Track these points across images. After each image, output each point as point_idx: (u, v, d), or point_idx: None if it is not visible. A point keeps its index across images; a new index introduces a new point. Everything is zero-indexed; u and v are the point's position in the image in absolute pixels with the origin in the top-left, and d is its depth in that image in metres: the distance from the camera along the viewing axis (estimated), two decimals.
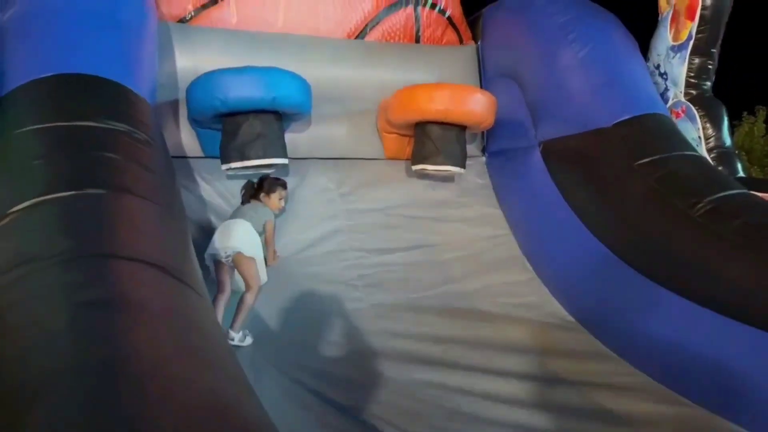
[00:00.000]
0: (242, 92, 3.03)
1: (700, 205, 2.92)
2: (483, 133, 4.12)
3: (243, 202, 3.07)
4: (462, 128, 3.63)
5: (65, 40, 2.54)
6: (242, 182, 3.25)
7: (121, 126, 2.35)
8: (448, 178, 3.88)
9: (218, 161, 3.29)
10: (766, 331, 2.53)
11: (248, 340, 2.80)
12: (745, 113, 13.14)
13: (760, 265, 2.65)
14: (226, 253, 2.81)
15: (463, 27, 4.24)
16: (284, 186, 3.16)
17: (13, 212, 1.84)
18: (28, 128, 2.20)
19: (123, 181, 2.10)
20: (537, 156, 3.73)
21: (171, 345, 1.46)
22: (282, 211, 3.23)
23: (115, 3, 2.78)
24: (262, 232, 2.96)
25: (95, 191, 1.96)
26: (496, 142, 4.09)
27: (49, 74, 2.40)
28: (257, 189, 3.10)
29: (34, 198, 1.88)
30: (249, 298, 2.79)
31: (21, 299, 1.51)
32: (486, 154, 4.18)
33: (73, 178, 2.00)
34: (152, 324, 1.50)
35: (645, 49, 3.94)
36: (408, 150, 3.83)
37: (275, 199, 3.09)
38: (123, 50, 2.71)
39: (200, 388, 1.35)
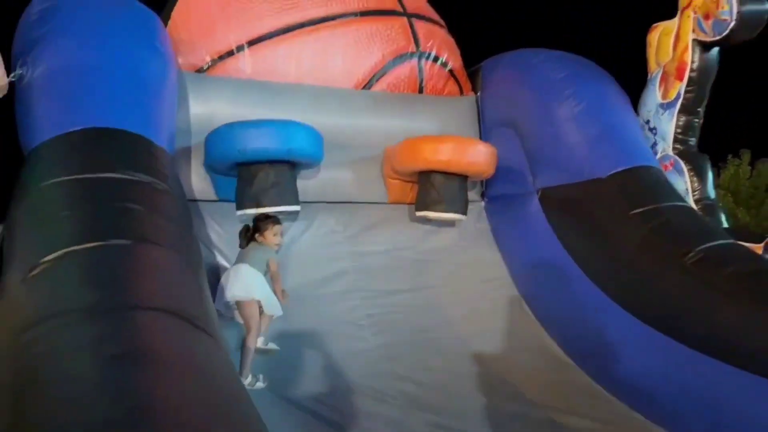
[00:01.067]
0: (259, 144, 3.21)
1: (692, 254, 3.09)
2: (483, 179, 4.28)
3: (241, 246, 3.17)
4: (464, 177, 3.80)
5: (91, 95, 2.68)
6: None
7: (142, 177, 2.48)
8: (449, 223, 4.03)
9: (231, 205, 3.43)
10: (757, 375, 2.67)
11: (259, 384, 2.88)
12: (729, 156, 13.48)
13: (750, 312, 2.82)
14: (232, 300, 2.96)
15: (463, 78, 4.45)
16: (277, 221, 3.19)
17: (44, 263, 1.93)
18: (55, 180, 2.32)
19: (145, 232, 2.21)
20: (535, 202, 3.90)
21: (190, 394, 1.56)
22: (280, 246, 3.27)
23: (137, 59, 2.94)
24: (266, 271, 3.06)
25: (119, 242, 2.07)
26: (496, 188, 4.26)
27: (76, 128, 2.53)
28: (253, 231, 3.16)
29: (62, 249, 1.97)
30: (249, 342, 2.91)
31: (50, 352, 1.59)
32: (485, 199, 4.34)
33: (98, 229, 2.11)
34: (173, 375, 1.58)
35: (635, 103, 4.15)
36: (411, 195, 3.99)
37: (270, 236, 3.13)
38: (145, 104, 2.86)
39: (214, 426, 1.44)
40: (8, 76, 2.70)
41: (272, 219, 3.20)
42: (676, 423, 2.98)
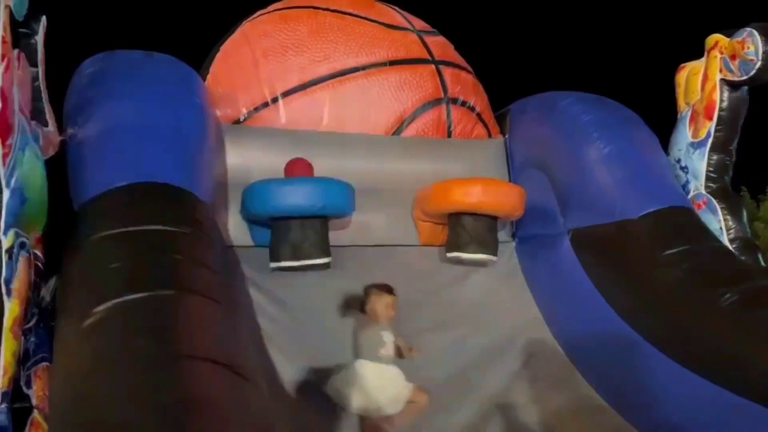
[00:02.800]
0: (293, 201, 3.36)
1: (727, 295, 3.06)
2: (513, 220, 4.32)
3: (344, 314, 3.00)
4: (494, 218, 3.85)
5: (136, 152, 2.84)
6: (289, 277, 3.49)
7: (185, 228, 2.60)
8: (480, 263, 4.06)
9: (266, 250, 3.54)
10: None
11: None
12: None
13: None
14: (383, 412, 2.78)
15: (491, 122, 4.53)
16: (389, 291, 2.98)
17: (95, 313, 2.04)
18: (104, 234, 2.44)
19: (191, 282, 2.33)
20: (566, 243, 3.91)
21: None
22: (393, 318, 3.04)
23: (179, 116, 3.10)
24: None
25: (164, 292, 2.17)
26: (527, 229, 4.28)
27: (123, 183, 2.68)
28: (363, 302, 2.96)
29: (112, 300, 2.08)
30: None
31: (106, 401, 1.70)
32: (516, 239, 4.37)
33: (146, 280, 2.21)
34: (223, 423, 1.69)
35: (665, 143, 4.16)
36: (441, 236, 4.05)
37: (381, 308, 2.93)
38: (186, 158, 3.00)
39: None
40: (60, 134, 2.88)
41: (384, 287, 3.02)
42: None
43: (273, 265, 3.48)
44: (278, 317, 3.39)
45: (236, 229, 3.68)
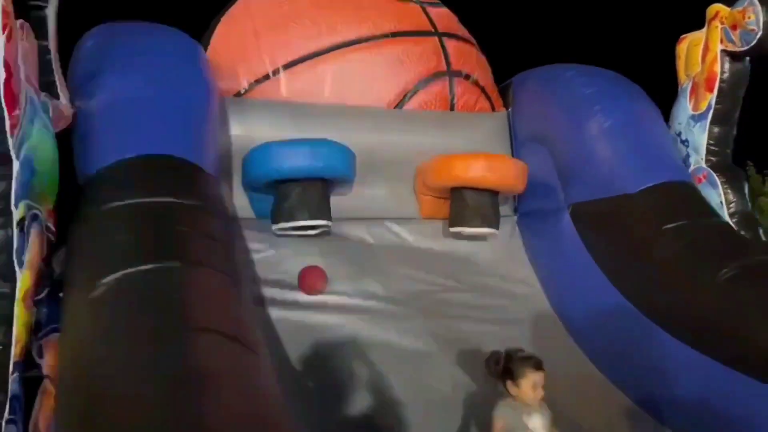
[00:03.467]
0: (294, 163, 3.40)
1: (725, 270, 3.10)
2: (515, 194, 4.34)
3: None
4: (495, 192, 3.88)
5: (142, 125, 2.87)
6: (292, 244, 3.52)
7: (192, 201, 2.64)
8: (482, 237, 4.09)
9: (268, 222, 3.59)
10: None
11: None
12: None
13: None
14: None
15: (494, 95, 4.52)
16: (537, 366, 2.41)
17: (103, 284, 2.08)
18: (110, 205, 2.48)
19: (196, 254, 2.37)
20: (567, 218, 3.94)
21: (241, 408, 1.71)
22: (542, 399, 2.47)
23: (184, 89, 3.11)
24: None
25: (172, 264, 2.22)
26: (528, 203, 4.31)
27: (128, 156, 2.71)
28: (503, 373, 2.43)
29: (120, 271, 2.13)
30: None
31: (113, 373, 1.74)
32: (518, 214, 4.40)
33: (152, 251, 2.26)
34: (227, 394, 1.72)
35: (666, 116, 4.17)
36: (443, 210, 4.07)
37: (528, 387, 2.36)
38: (191, 131, 3.03)
39: None
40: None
41: (533, 362, 2.41)
42: None
43: (274, 227, 3.53)
44: (280, 288, 3.42)
45: (238, 201, 3.72)
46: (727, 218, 3.73)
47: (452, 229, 3.91)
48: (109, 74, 2.94)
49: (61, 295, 2.34)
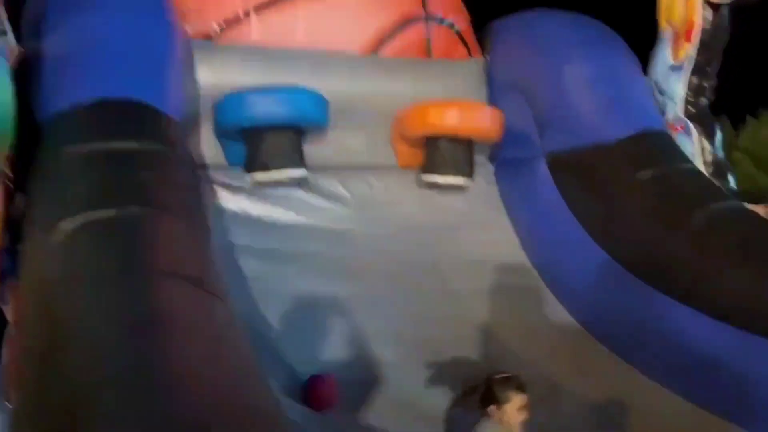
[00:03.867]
0: (268, 110, 3.32)
1: (697, 217, 3.12)
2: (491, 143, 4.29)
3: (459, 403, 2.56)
4: (471, 141, 3.83)
5: (100, 66, 2.75)
6: (264, 195, 3.46)
7: (154, 146, 2.56)
8: (457, 187, 4.06)
9: (241, 170, 3.52)
10: (759, 335, 2.74)
11: None
12: (749, 116, 13.19)
13: (752, 274, 2.87)
14: None
15: (471, 41, 4.41)
16: (521, 388, 2.35)
17: (62, 229, 2.03)
18: (69, 150, 2.40)
19: (159, 200, 2.30)
20: (543, 167, 3.92)
21: (203, 352, 1.68)
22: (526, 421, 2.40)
23: (144, 30, 2.99)
24: None
25: (132, 209, 2.16)
26: (505, 152, 4.26)
27: (86, 99, 2.60)
28: (486, 397, 2.37)
29: (79, 216, 2.07)
30: None
31: (73, 316, 1.70)
32: (493, 163, 4.36)
33: (113, 197, 2.20)
34: (188, 338, 1.70)
35: (646, 65, 4.12)
36: (419, 159, 4.02)
37: (513, 411, 2.31)
38: (152, 73, 2.91)
39: (227, 387, 1.57)
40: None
41: (515, 383, 2.35)
42: (687, 385, 3.03)
43: (248, 177, 3.47)
44: (254, 236, 3.39)
45: (210, 149, 3.62)
46: (701, 167, 3.74)
47: (426, 178, 3.87)
48: (68, 14, 2.83)
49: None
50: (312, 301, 3.26)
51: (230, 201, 3.50)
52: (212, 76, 3.60)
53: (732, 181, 3.83)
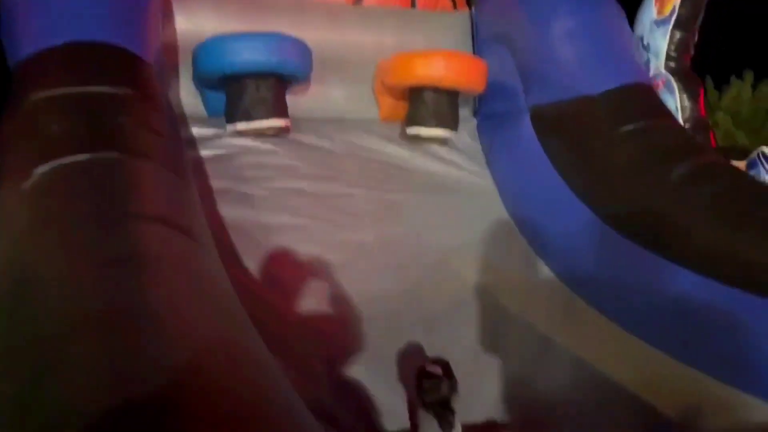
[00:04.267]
0: (248, 56, 3.22)
1: (677, 171, 3.14)
2: (475, 96, 4.27)
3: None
4: (455, 93, 3.79)
5: (73, 8, 2.63)
6: (247, 147, 3.41)
7: (130, 91, 2.49)
8: (440, 140, 4.04)
9: (222, 120, 3.45)
10: (734, 287, 2.77)
11: None
12: (733, 77, 13.20)
13: (730, 228, 2.90)
14: None
15: None
16: (448, 374, 2.34)
17: (35, 175, 1.98)
18: (42, 95, 2.32)
19: (135, 145, 2.24)
20: (526, 121, 3.89)
21: (186, 296, 1.62)
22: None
23: None
24: None
25: (109, 154, 2.11)
26: (488, 106, 4.24)
27: (59, 42, 2.50)
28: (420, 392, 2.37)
29: (53, 161, 2.02)
30: None
31: (47, 257, 1.65)
32: (477, 117, 4.34)
33: (88, 142, 2.13)
34: (169, 279, 1.64)
35: (633, 19, 4.08)
36: (402, 112, 3.98)
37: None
38: (128, 17, 2.80)
39: (212, 331, 1.51)
40: None
41: (444, 382, 2.34)
42: (666, 340, 3.06)
43: (229, 128, 3.41)
44: (236, 186, 3.35)
45: (189, 99, 3.56)
46: (682, 122, 3.75)
47: (409, 131, 3.84)
48: None
49: None
50: (290, 246, 3.24)
51: (211, 152, 3.44)
52: (190, 23, 3.51)
53: (712, 139, 3.85)
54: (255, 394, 1.34)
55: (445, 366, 2.44)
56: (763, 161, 3.67)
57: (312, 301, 3.10)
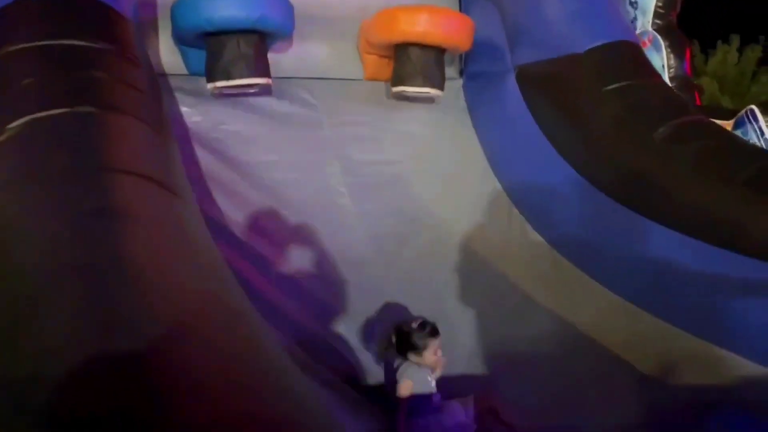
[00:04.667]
0: (228, 12, 3.12)
1: (662, 129, 3.14)
2: (461, 55, 4.21)
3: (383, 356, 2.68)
4: (441, 50, 3.73)
5: None
6: (229, 104, 3.35)
7: (106, 45, 2.42)
8: (425, 99, 4.00)
9: (203, 79, 3.37)
10: (715, 246, 2.81)
11: None
12: (719, 42, 13.20)
13: (713, 186, 2.91)
14: None
15: None
16: (434, 333, 2.51)
17: (9, 129, 1.92)
18: (16, 47, 2.25)
19: (112, 100, 2.19)
20: (512, 80, 3.86)
21: (165, 248, 1.60)
22: (441, 364, 2.59)
23: None
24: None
25: (86, 109, 2.05)
26: (474, 65, 4.19)
27: None
28: (404, 346, 2.51)
29: (27, 116, 1.96)
30: None
31: (23, 210, 1.61)
32: (463, 76, 4.29)
33: (63, 96, 2.08)
34: (148, 230, 1.62)
35: None
36: (387, 71, 3.91)
37: (430, 355, 2.48)
38: None
39: (191, 283, 1.49)
40: None
41: (429, 329, 2.50)
42: (650, 299, 3.13)
43: (210, 86, 3.33)
44: (218, 147, 3.31)
45: (169, 57, 3.47)
46: (668, 81, 3.74)
47: (394, 89, 3.78)
48: None
49: None
50: (275, 207, 3.24)
51: (190, 110, 3.38)
52: None
53: (697, 98, 3.85)
54: (239, 346, 1.34)
55: (422, 322, 2.51)
56: (752, 120, 3.67)
57: (294, 259, 3.11)
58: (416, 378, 2.46)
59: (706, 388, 2.72)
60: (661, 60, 3.82)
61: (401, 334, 2.51)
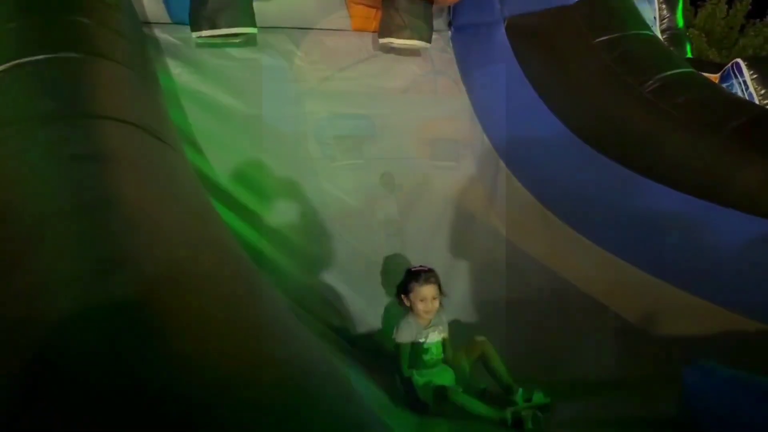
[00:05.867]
0: None
1: (650, 82, 3.13)
2: (450, 7, 4.14)
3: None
4: (429, 2, 3.67)
5: None
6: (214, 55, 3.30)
7: None
8: (413, 52, 3.95)
9: (187, 27, 3.30)
10: (699, 198, 2.84)
11: None
12: None
13: (697, 137, 2.93)
14: None
15: None
16: (430, 278, 2.43)
17: None
18: None
19: (96, 46, 2.15)
20: (501, 32, 3.81)
21: (155, 191, 1.58)
22: (432, 316, 2.49)
23: None
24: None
25: (69, 55, 2.01)
26: (463, 17, 4.13)
27: None
28: (399, 286, 2.48)
29: (11, 61, 1.92)
30: None
31: (8, 155, 1.58)
32: (452, 28, 4.23)
33: (47, 41, 2.04)
34: (137, 174, 1.60)
35: None
36: (375, 23, 3.85)
37: (416, 300, 2.41)
38: None
39: (183, 225, 1.48)
40: None
41: (422, 276, 2.43)
42: (631, 252, 3.14)
43: (194, 35, 3.26)
44: (204, 96, 3.27)
45: (152, 4, 3.38)
46: (658, 34, 3.72)
47: (382, 41, 3.73)
48: None
49: None
50: (261, 159, 3.23)
51: (175, 59, 3.31)
52: None
53: (689, 51, 3.83)
54: (237, 287, 1.33)
55: (419, 270, 2.53)
56: (737, 73, 3.67)
57: (281, 211, 3.11)
58: (403, 326, 2.49)
59: (688, 339, 2.75)
60: (653, 11, 3.78)
61: (405, 276, 2.50)
